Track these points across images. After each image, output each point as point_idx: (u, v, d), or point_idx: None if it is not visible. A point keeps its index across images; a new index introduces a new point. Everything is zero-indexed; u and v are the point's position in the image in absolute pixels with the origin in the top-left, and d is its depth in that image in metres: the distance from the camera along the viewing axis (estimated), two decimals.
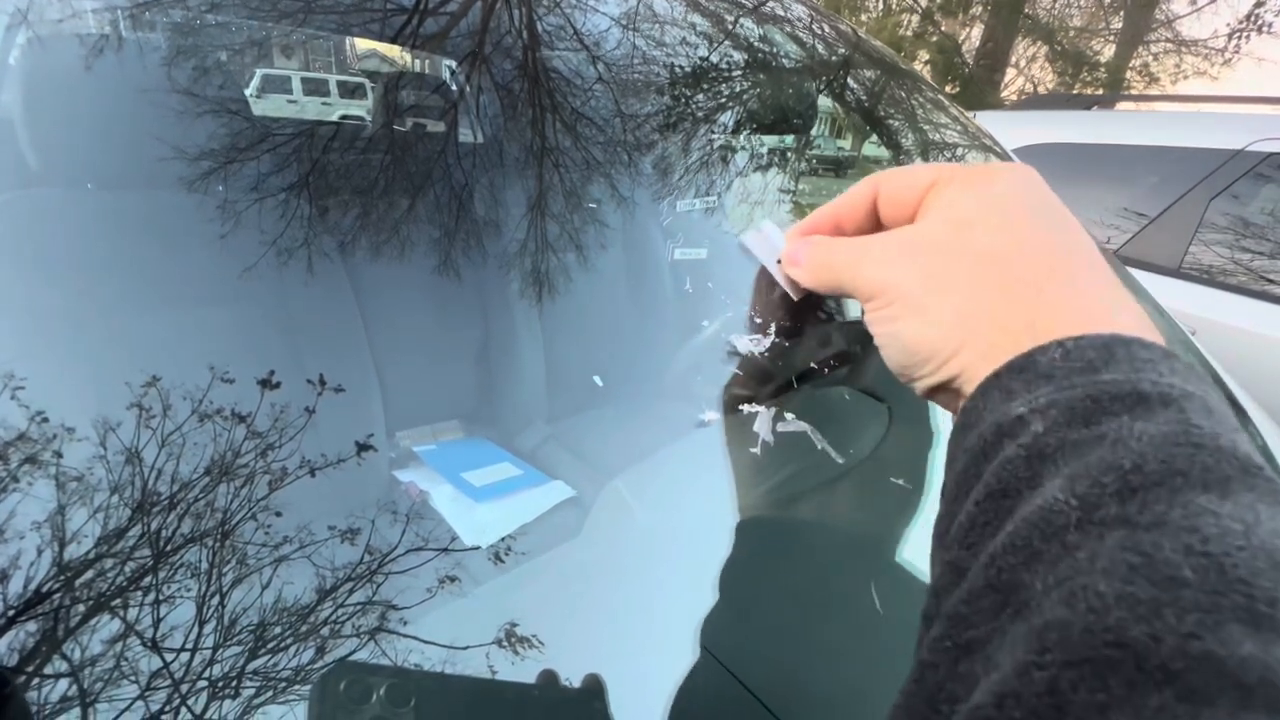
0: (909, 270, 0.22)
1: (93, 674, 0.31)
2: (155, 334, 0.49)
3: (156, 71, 0.50)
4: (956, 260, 0.22)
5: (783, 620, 0.47)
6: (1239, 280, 1.76)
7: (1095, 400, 0.17)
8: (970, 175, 0.23)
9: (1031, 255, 0.21)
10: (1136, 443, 0.16)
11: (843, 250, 0.25)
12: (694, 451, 0.57)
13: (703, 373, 0.67)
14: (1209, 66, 7.44)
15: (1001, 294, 0.21)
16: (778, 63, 0.89)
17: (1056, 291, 0.20)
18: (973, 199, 0.22)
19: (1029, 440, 0.18)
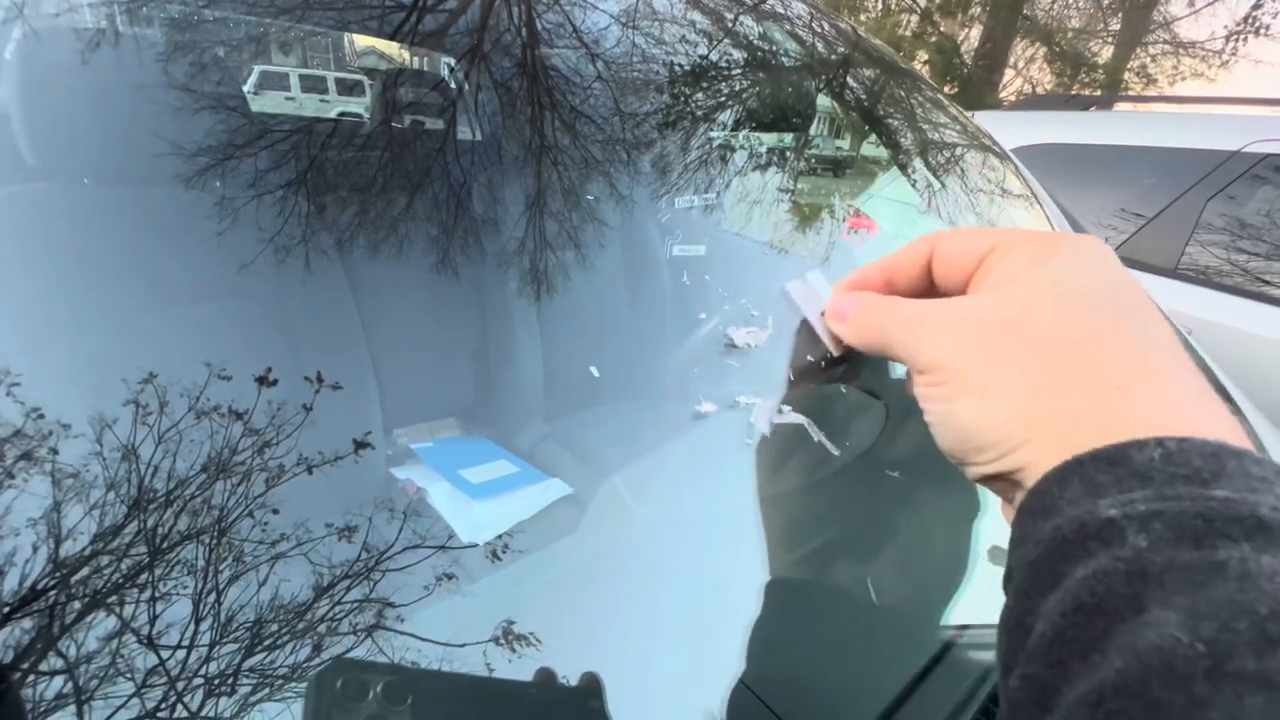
0: (971, 346, 0.21)
1: (88, 671, 0.31)
2: (152, 330, 0.49)
3: (154, 67, 0.50)
4: (1025, 342, 0.20)
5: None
6: (1235, 281, 1.76)
7: (1207, 520, 0.15)
8: (1034, 246, 0.21)
9: (1111, 346, 0.19)
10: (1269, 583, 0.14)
11: (897, 312, 0.23)
12: (692, 449, 0.58)
13: (701, 371, 0.67)
14: (1206, 68, 7.46)
15: (1073, 383, 0.19)
16: (777, 61, 0.89)
17: (1144, 389, 0.18)
18: (1041, 277, 0.21)
19: (1129, 554, 0.16)
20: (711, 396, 0.58)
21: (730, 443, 0.56)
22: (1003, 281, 0.21)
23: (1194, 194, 1.85)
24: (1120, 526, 0.16)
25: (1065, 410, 0.19)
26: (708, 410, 0.57)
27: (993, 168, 1.03)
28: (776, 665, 0.44)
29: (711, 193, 0.79)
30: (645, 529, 0.52)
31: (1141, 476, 0.16)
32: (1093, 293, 0.20)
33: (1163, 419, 0.18)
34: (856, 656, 0.48)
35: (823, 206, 0.89)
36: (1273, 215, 1.75)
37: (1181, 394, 0.18)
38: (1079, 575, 0.16)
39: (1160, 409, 0.18)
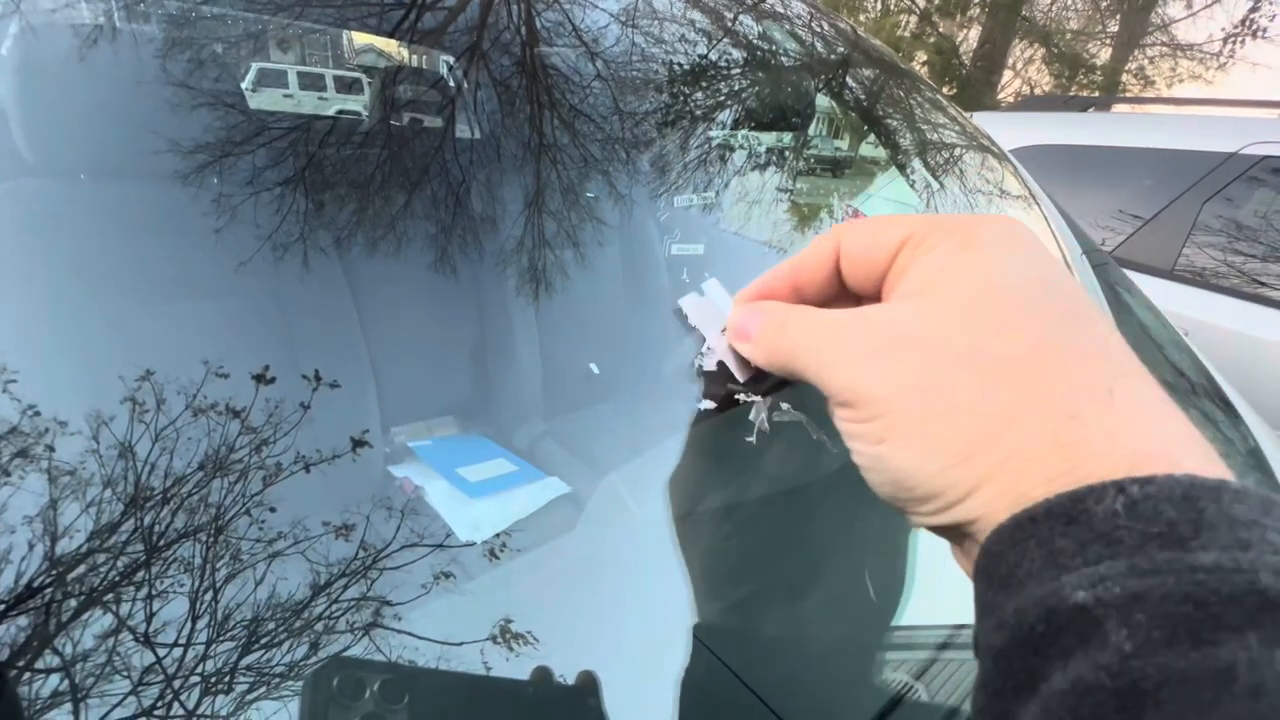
0: (898, 373, 0.18)
1: (84, 669, 0.31)
2: (149, 327, 0.49)
3: (151, 63, 0.50)
4: (962, 365, 0.17)
5: (775, 612, 0.47)
6: (1231, 283, 1.77)
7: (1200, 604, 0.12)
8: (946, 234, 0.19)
9: (1059, 361, 0.16)
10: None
11: (807, 330, 0.20)
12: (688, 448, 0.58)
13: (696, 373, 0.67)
14: (1204, 70, 7.49)
15: (1027, 416, 0.16)
16: (776, 60, 0.90)
17: (1100, 414, 0.15)
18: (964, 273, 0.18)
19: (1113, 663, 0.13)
20: None
21: (731, 440, 0.56)
22: (924, 283, 0.18)
23: (1191, 196, 1.86)
24: (1096, 618, 0.13)
25: (1014, 447, 0.16)
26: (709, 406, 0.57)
27: (991, 168, 1.04)
28: (772, 661, 0.44)
29: (710, 192, 0.79)
30: (644, 528, 0.52)
31: (1107, 539, 0.14)
32: (1027, 291, 0.17)
33: (1124, 450, 0.15)
34: (855, 654, 0.48)
35: (821, 206, 0.89)
36: (1269, 217, 1.76)
37: (1142, 414, 0.16)
38: (1057, 686, 0.13)
39: (1120, 438, 0.15)
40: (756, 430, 0.45)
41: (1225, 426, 0.88)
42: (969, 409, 0.16)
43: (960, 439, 0.16)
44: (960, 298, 0.18)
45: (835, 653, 0.48)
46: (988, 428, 0.16)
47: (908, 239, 0.19)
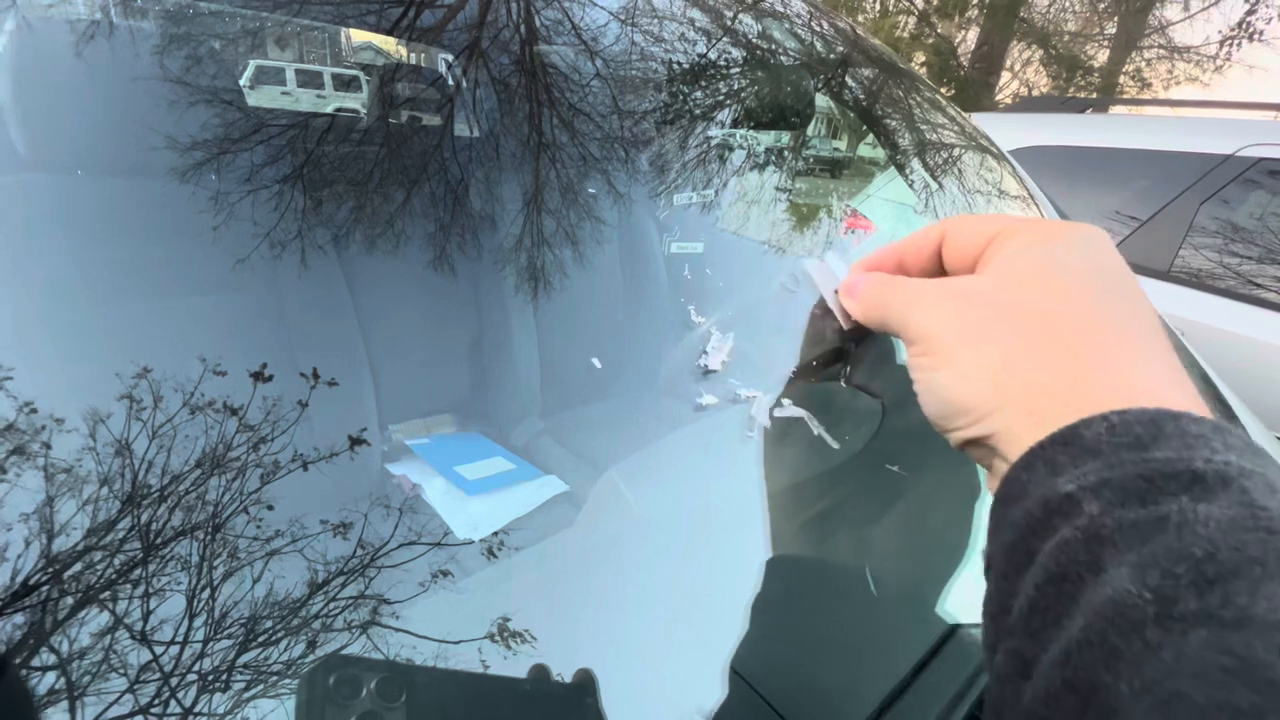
0: (951, 319, 0.22)
1: (81, 667, 0.31)
2: (146, 325, 0.49)
3: (148, 60, 0.50)
4: (999, 315, 0.21)
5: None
6: (1228, 284, 1.78)
7: (1148, 479, 0.17)
8: (1033, 231, 0.23)
9: (1081, 320, 0.20)
10: (1203, 528, 0.15)
11: (897, 290, 0.25)
12: (690, 444, 0.58)
13: (696, 367, 0.67)
14: (1201, 73, 7.51)
15: (1044, 356, 0.20)
16: (775, 60, 0.90)
17: (1103, 359, 0.20)
18: (1032, 256, 0.22)
19: (1084, 522, 0.17)
20: (713, 390, 0.59)
21: (728, 437, 0.56)
22: (998, 262, 0.23)
23: (1188, 197, 1.86)
24: (1076, 499, 0.17)
25: (1035, 381, 0.20)
26: (709, 403, 0.57)
27: (990, 168, 1.04)
28: (772, 659, 0.44)
29: (710, 190, 0.79)
30: (642, 526, 0.52)
31: (1092, 451, 0.18)
32: (1080, 272, 0.21)
33: (1122, 387, 0.19)
34: (853, 650, 0.48)
35: (820, 206, 0.90)
36: (1265, 219, 1.76)
37: (1144, 364, 0.20)
38: (1046, 550, 0.18)
39: (1121, 378, 0.19)
40: (758, 425, 0.46)
41: None
42: (1002, 348, 0.21)
43: (991, 367, 0.21)
44: (1020, 271, 0.22)
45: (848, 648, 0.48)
46: (1015, 363, 0.20)
47: (1000, 231, 0.23)
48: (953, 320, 0.22)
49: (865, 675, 0.45)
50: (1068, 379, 0.20)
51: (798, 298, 0.75)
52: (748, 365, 0.63)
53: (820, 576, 0.51)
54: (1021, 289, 0.21)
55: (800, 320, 0.73)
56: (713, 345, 0.60)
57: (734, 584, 0.49)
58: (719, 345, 0.59)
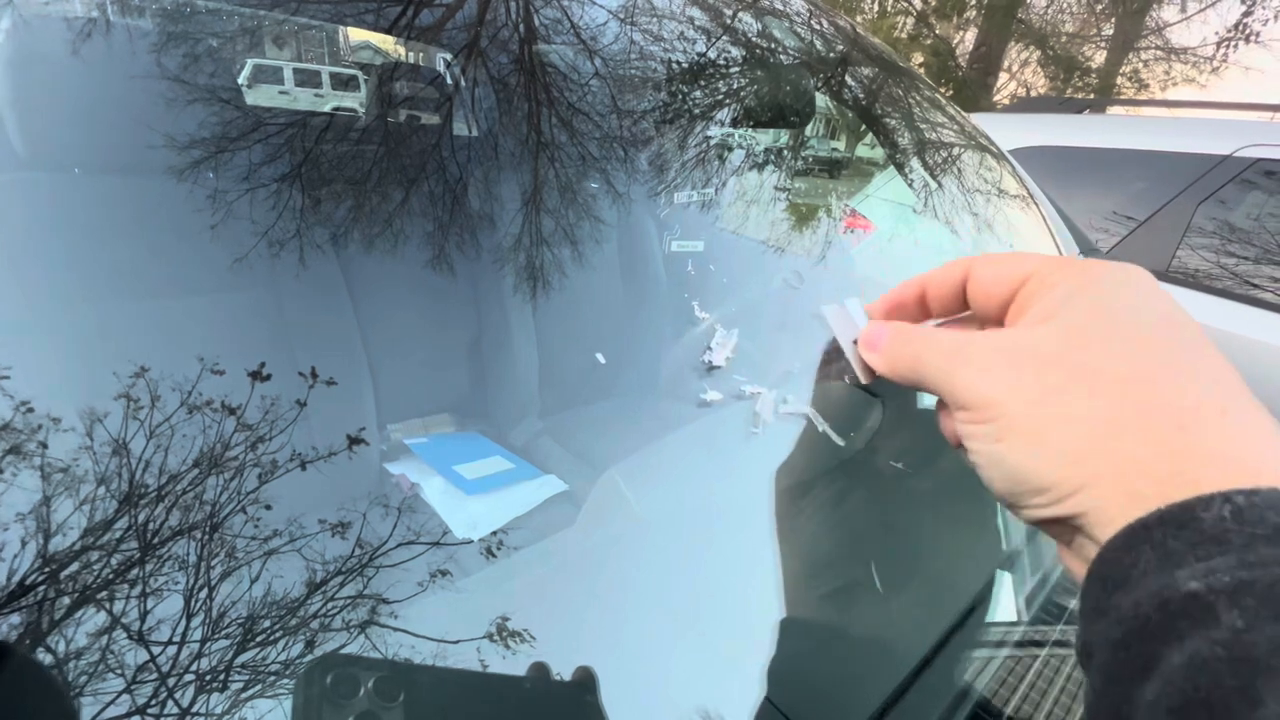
0: (1020, 382, 0.20)
1: (78, 667, 0.31)
2: (144, 324, 0.49)
3: (145, 58, 0.50)
4: (1078, 378, 0.19)
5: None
6: (1225, 285, 1.78)
7: None
8: (1075, 274, 0.21)
9: (1163, 380, 0.18)
10: None
11: (932, 344, 0.23)
12: (690, 442, 0.57)
13: (696, 366, 0.67)
14: (1198, 74, 7.53)
15: (1134, 425, 0.18)
16: (775, 59, 0.90)
17: (1199, 424, 0.17)
18: (1085, 306, 0.20)
19: (1227, 637, 0.14)
20: (717, 386, 0.59)
21: (732, 434, 0.56)
22: (1047, 313, 0.21)
23: (1185, 198, 1.87)
24: (1208, 603, 0.15)
25: (1126, 452, 0.18)
26: (713, 399, 0.57)
27: (989, 168, 1.04)
28: (775, 657, 0.44)
29: (709, 189, 0.79)
30: (641, 524, 0.52)
31: (1217, 540, 0.15)
32: (1143, 324, 0.19)
33: (1229, 461, 0.17)
34: (856, 647, 0.48)
35: (819, 206, 0.90)
36: (1262, 219, 1.77)
37: (1247, 431, 0.17)
38: (1175, 662, 0.15)
39: (1226, 449, 0.17)
40: (761, 421, 0.45)
41: None
42: (1083, 416, 0.18)
43: (1074, 441, 0.18)
44: (1078, 325, 0.20)
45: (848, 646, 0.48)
46: (1101, 433, 0.18)
47: (1032, 275, 0.21)
48: (1018, 382, 0.20)
49: (868, 673, 0.45)
50: (1164, 448, 0.17)
51: (801, 294, 0.75)
52: (751, 362, 0.63)
53: (824, 574, 0.51)
54: (1088, 346, 0.19)
55: (803, 317, 0.73)
56: (716, 341, 0.60)
57: (735, 582, 0.49)
58: (723, 341, 0.59)
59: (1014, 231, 0.95)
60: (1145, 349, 0.19)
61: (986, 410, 0.20)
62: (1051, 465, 0.19)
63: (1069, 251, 0.99)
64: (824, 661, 0.47)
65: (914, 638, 0.47)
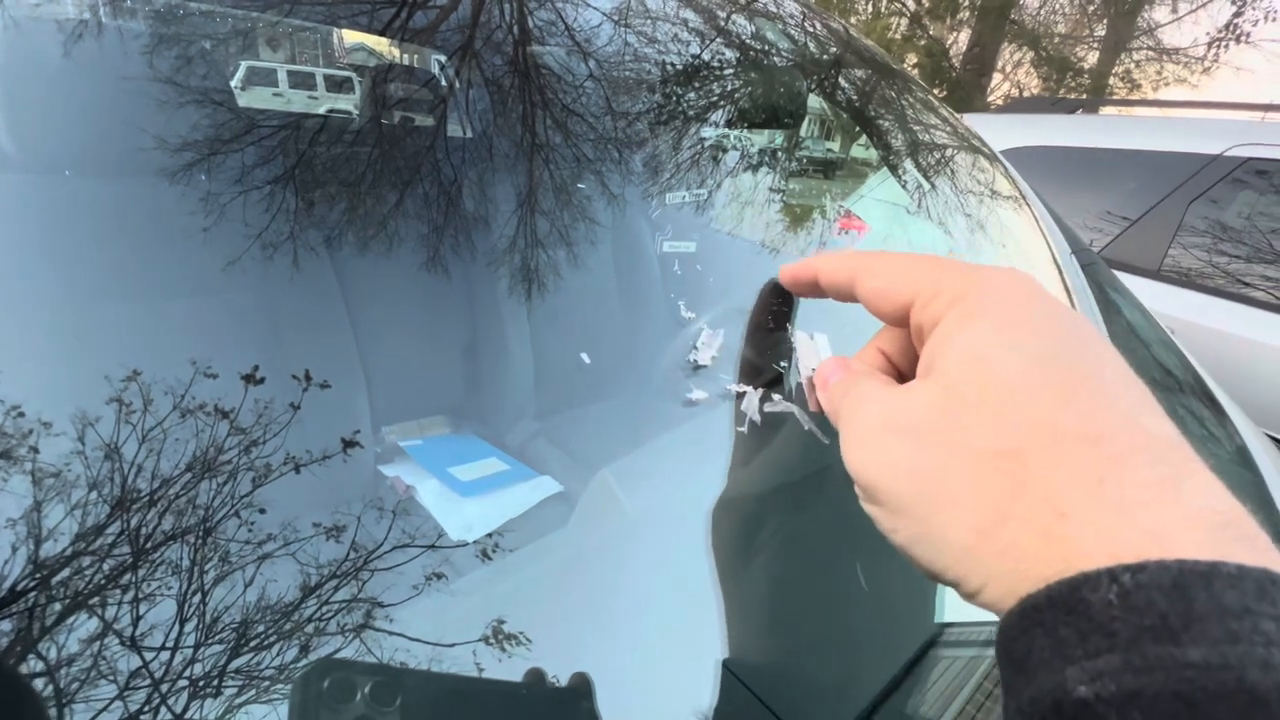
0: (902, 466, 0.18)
1: (69, 674, 0.31)
2: (136, 327, 0.49)
3: (137, 59, 0.49)
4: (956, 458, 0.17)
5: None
6: (1217, 283, 1.80)
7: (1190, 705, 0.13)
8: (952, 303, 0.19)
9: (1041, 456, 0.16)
10: None
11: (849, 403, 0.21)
12: (684, 443, 0.57)
13: (683, 367, 0.67)
14: (1189, 74, 7.59)
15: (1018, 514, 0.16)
16: (769, 60, 0.90)
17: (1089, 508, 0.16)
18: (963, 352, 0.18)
19: None
20: (703, 385, 0.59)
21: (722, 436, 0.56)
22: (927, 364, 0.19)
23: (1177, 197, 1.89)
24: (1099, 714, 0.14)
25: (1009, 543, 0.16)
26: (699, 398, 0.57)
27: (982, 169, 1.04)
28: (766, 657, 0.44)
29: (702, 190, 0.79)
30: (637, 526, 0.52)
31: (1104, 630, 0.14)
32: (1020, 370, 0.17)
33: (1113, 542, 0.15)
34: (846, 646, 0.48)
35: (813, 207, 0.90)
36: (1253, 218, 1.78)
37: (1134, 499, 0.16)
38: None
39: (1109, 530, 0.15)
40: (748, 420, 0.45)
41: (1212, 424, 0.89)
42: (965, 501, 0.17)
43: (961, 532, 0.17)
44: (952, 383, 0.18)
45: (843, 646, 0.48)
46: (984, 521, 0.17)
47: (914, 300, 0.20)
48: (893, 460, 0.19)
49: (858, 671, 0.45)
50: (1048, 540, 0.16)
51: None
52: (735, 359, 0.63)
53: (812, 574, 0.51)
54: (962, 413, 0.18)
55: None
56: (703, 341, 0.60)
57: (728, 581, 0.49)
58: (709, 340, 0.59)
59: (1006, 232, 0.95)
60: (1021, 407, 0.17)
61: (876, 494, 0.19)
62: (950, 560, 0.18)
63: (1060, 251, 0.99)
64: (816, 660, 0.47)
65: (904, 636, 0.48)
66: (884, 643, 0.48)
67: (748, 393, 0.42)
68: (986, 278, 0.19)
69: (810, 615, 0.49)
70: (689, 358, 0.60)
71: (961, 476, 0.17)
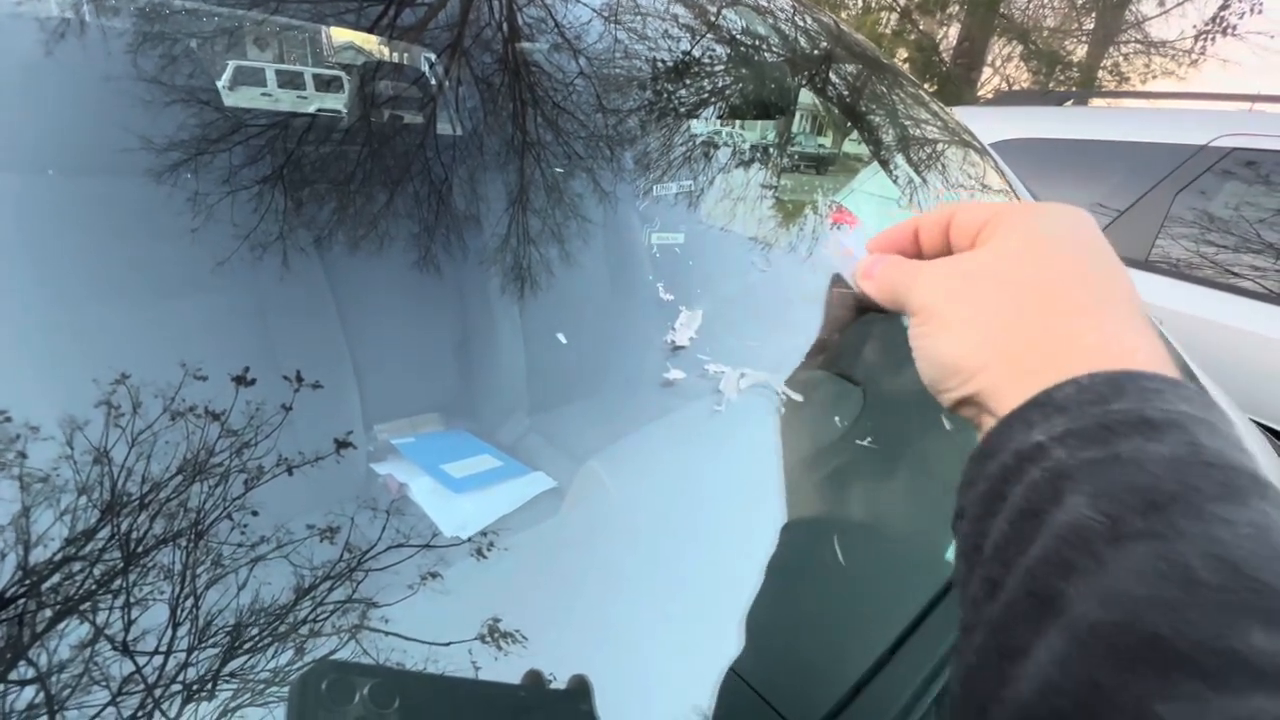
0: (947, 292, 0.25)
1: (61, 680, 0.30)
2: (124, 329, 0.48)
3: (122, 58, 0.49)
4: (989, 285, 0.24)
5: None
6: (1204, 273, 1.81)
7: (1107, 427, 0.19)
8: (1024, 212, 0.25)
9: (1064, 287, 0.22)
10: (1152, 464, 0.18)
11: (904, 271, 0.27)
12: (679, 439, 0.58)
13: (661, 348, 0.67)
14: (1176, 67, 7.63)
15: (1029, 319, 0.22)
16: (759, 56, 0.90)
17: (1082, 323, 0.22)
18: (1020, 233, 0.24)
19: (1051, 464, 0.19)
20: (680, 365, 0.59)
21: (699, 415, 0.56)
22: (994, 240, 0.25)
23: (1164, 187, 1.90)
24: (1045, 447, 0.20)
25: (1020, 340, 0.22)
26: (676, 378, 0.57)
27: (973, 163, 1.05)
28: (769, 653, 0.44)
29: (689, 182, 0.79)
30: (628, 520, 0.52)
31: (1061, 410, 0.20)
32: (1065, 246, 0.24)
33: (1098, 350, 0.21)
34: (834, 629, 0.48)
35: (804, 202, 0.90)
36: (1240, 208, 1.80)
37: (1120, 329, 0.22)
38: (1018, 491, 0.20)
39: (1098, 341, 0.21)
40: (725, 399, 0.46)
41: None
42: (989, 313, 0.23)
43: (980, 332, 0.23)
44: (1005, 245, 0.24)
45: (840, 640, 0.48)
46: (1000, 326, 0.23)
47: (995, 214, 0.26)
48: (947, 290, 0.25)
49: (848, 651, 0.46)
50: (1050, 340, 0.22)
51: (767, 276, 0.76)
52: (715, 341, 0.63)
53: (815, 566, 0.52)
54: (1011, 261, 0.24)
55: (770, 299, 0.74)
56: (680, 322, 0.60)
57: (730, 577, 0.49)
58: (687, 321, 0.59)
59: None
60: (1057, 264, 0.23)
61: (925, 313, 0.25)
62: (962, 350, 0.23)
63: None
64: (802, 642, 0.47)
65: (892, 616, 0.48)
66: (873, 625, 0.48)
67: (725, 372, 0.42)
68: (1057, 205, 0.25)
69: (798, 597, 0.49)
70: (666, 339, 0.60)
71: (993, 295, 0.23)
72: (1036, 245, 0.24)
